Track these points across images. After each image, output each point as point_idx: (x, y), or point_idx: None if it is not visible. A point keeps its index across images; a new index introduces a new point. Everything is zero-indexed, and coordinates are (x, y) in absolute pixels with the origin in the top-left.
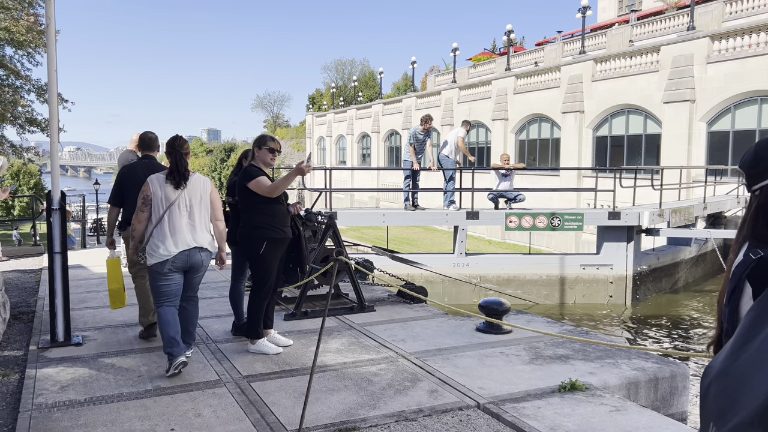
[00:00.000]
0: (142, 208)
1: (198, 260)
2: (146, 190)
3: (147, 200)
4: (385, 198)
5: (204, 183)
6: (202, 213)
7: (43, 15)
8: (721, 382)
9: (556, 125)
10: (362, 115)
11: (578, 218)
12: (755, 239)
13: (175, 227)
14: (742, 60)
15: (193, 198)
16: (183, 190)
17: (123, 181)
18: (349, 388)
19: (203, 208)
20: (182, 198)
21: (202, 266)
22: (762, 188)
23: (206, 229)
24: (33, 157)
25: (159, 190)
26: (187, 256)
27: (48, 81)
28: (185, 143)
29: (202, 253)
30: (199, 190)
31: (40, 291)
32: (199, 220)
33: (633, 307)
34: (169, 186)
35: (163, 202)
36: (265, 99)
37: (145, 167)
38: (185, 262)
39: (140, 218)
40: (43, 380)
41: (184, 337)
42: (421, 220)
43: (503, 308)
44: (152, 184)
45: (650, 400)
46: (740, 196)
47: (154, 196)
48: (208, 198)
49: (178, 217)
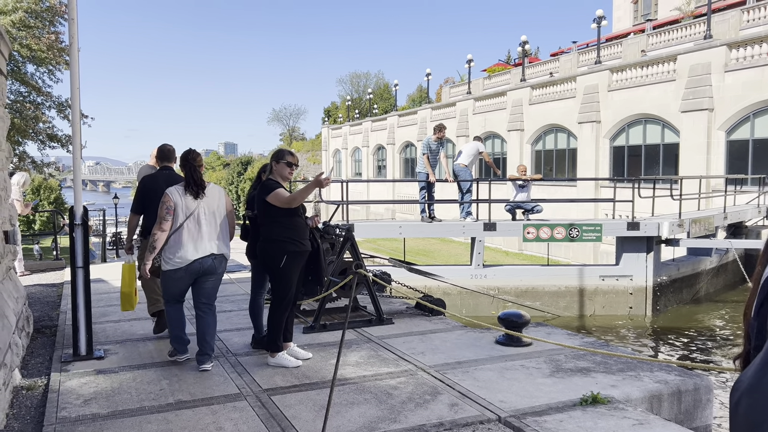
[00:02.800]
0: (165, 217)
1: (210, 266)
2: (168, 200)
3: (171, 210)
4: (401, 210)
5: (220, 192)
6: (220, 221)
7: (63, 33)
8: (752, 397)
9: (573, 135)
10: (377, 127)
11: (597, 229)
12: None
13: (192, 235)
14: (760, 68)
15: (211, 207)
16: (201, 200)
17: (145, 190)
18: (369, 402)
19: (219, 216)
20: (201, 207)
21: (215, 272)
22: None
23: (222, 236)
24: (54, 172)
25: (180, 200)
26: (200, 263)
27: (71, 98)
28: (198, 156)
29: (214, 260)
30: (216, 199)
31: (62, 305)
32: (216, 227)
33: (653, 319)
34: (188, 197)
35: (184, 212)
36: (281, 112)
37: (165, 178)
38: (198, 269)
39: (164, 227)
40: (67, 394)
41: (202, 346)
42: (438, 231)
43: (523, 320)
44: (173, 195)
45: (673, 414)
46: (761, 206)
47: (176, 205)
48: (224, 207)
49: (196, 225)
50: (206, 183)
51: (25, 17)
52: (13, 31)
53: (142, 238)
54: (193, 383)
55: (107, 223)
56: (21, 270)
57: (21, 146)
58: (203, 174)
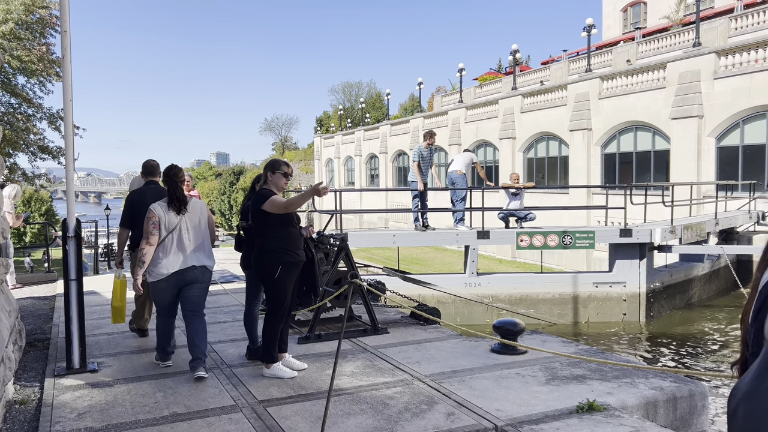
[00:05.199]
0: (152, 232)
1: (192, 276)
2: (152, 216)
3: (156, 225)
4: (394, 218)
5: (201, 206)
6: (202, 234)
7: (53, 44)
8: (750, 403)
9: (564, 143)
10: (370, 136)
11: (590, 236)
12: None
13: (174, 249)
14: (749, 75)
15: (193, 221)
16: (184, 215)
17: (133, 205)
18: (365, 412)
19: (201, 229)
20: (183, 222)
21: (197, 281)
22: None
23: (204, 248)
24: (45, 184)
25: (164, 215)
26: (182, 275)
27: (64, 110)
28: (180, 171)
29: (196, 271)
30: (198, 213)
31: (55, 318)
32: (198, 241)
33: (647, 325)
34: (171, 212)
35: (167, 227)
36: (273, 122)
37: (153, 192)
38: (180, 280)
39: (151, 241)
40: (60, 407)
41: (193, 352)
42: (431, 240)
43: (518, 329)
44: (156, 210)
45: (669, 420)
46: (752, 211)
47: (160, 220)
48: (205, 220)
49: (178, 239)
50: (188, 198)
51: (15, 29)
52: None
53: (131, 251)
54: (188, 395)
55: (99, 234)
56: (12, 283)
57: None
58: (194, 186)
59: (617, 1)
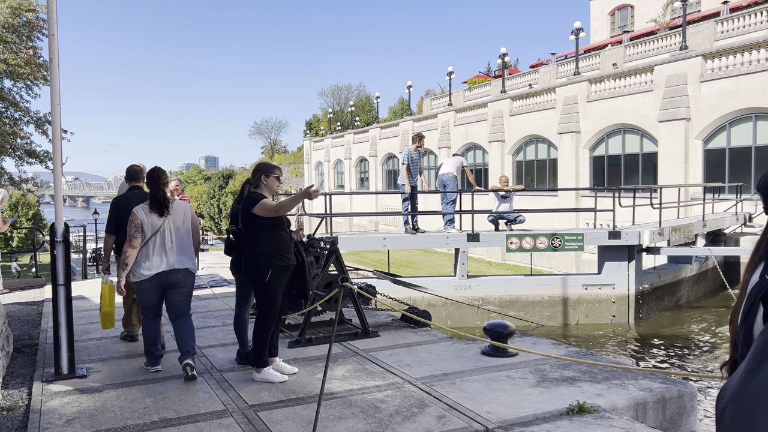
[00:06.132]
0: (135, 235)
1: (176, 279)
2: (135, 219)
3: (139, 228)
4: (384, 221)
5: (185, 208)
6: (185, 236)
7: (41, 48)
8: (737, 404)
9: (553, 146)
10: (359, 139)
11: (579, 238)
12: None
13: (158, 251)
14: (735, 78)
15: (176, 223)
16: (167, 217)
17: (118, 210)
18: (356, 416)
19: (185, 231)
20: (166, 224)
21: (181, 285)
22: None
23: (188, 251)
24: (32, 188)
25: (146, 218)
26: (165, 276)
27: (52, 114)
28: (163, 174)
29: (179, 274)
30: (181, 215)
31: (43, 323)
32: (182, 242)
33: (636, 326)
34: (154, 214)
35: (151, 229)
36: (262, 125)
37: (137, 197)
38: (163, 281)
39: (134, 244)
40: (49, 414)
41: (182, 348)
42: (422, 243)
43: (508, 331)
44: (139, 213)
45: (659, 421)
46: (739, 213)
47: (142, 223)
48: (189, 222)
49: (161, 241)
50: (171, 200)
51: (2, 32)
52: None
53: (117, 255)
54: (177, 400)
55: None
56: (0, 288)
57: None
58: (183, 190)
59: (605, 5)
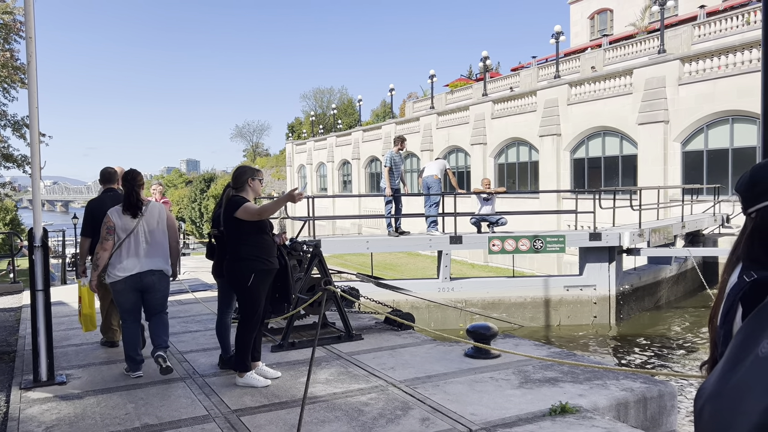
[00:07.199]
0: (106, 237)
1: (150, 281)
2: (108, 221)
3: (111, 230)
4: (367, 224)
5: (160, 210)
6: (160, 238)
7: (17, 50)
8: (715, 404)
9: (534, 149)
10: (342, 142)
11: (560, 240)
12: (749, 261)
13: (131, 252)
14: (712, 81)
15: (150, 225)
16: (141, 218)
17: (93, 213)
18: (340, 419)
19: (160, 232)
20: (140, 226)
21: (155, 287)
22: (757, 211)
23: (163, 252)
24: (9, 192)
25: (119, 220)
26: (140, 278)
27: (29, 118)
28: (138, 175)
29: (153, 276)
30: (155, 217)
31: (21, 329)
32: (156, 244)
33: (617, 327)
34: (127, 216)
35: (124, 230)
36: (244, 128)
37: (111, 199)
38: (137, 283)
39: (105, 246)
40: (27, 421)
41: (154, 340)
42: (405, 245)
43: (491, 333)
44: (113, 216)
45: (640, 420)
46: (717, 214)
47: (116, 226)
48: (164, 223)
49: (135, 243)
50: (145, 201)
51: None
52: None
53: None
54: (159, 406)
55: (66, 243)
56: None
57: None
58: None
59: (585, 9)
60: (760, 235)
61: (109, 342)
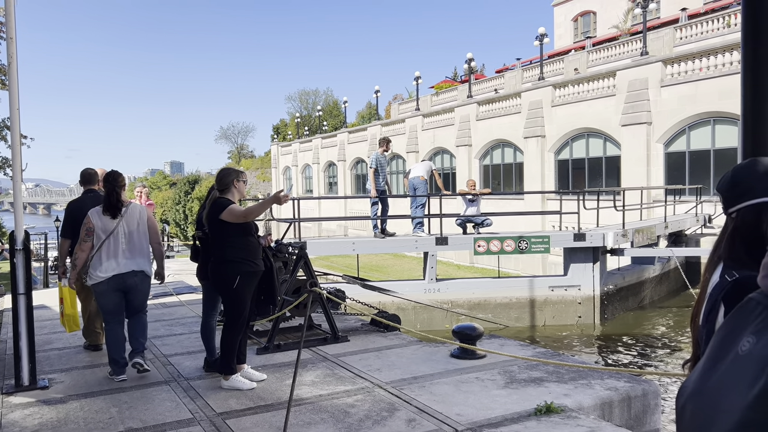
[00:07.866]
0: (85, 238)
1: (132, 282)
2: (88, 222)
3: (90, 231)
4: (353, 225)
5: (140, 211)
6: (140, 239)
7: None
8: (696, 402)
9: (519, 150)
10: (327, 144)
11: (545, 241)
12: (730, 260)
13: (111, 253)
14: (694, 83)
15: (130, 226)
16: (121, 219)
17: (73, 214)
18: (326, 421)
19: (141, 233)
20: (120, 227)
21: (137, 288)
22: (738, 211)
23: (143, 253)
24: None
25: (99, 221)
26: (122, 279)
27: (11, 120)
28: (119, 176)
29: (136, 277)
30: (136, 218)
31: (2, 333)
32: (136, 245)
33: (602, 326)
34: (106, 217)
35: (104, 231)
36: (228, 130)
37: (92, 200)
38: (119, 284)
39: (84, 248)
40: (9, 427)
41: (131, 342)
42: (391, 247)
43: (477, 333)
44: (92, 217)
45: (624, 419)
46: (699, 215)
47: (95, 227)
48: (145, 224)
49: (115, 244)
50: (126, 202)
51: None
52: None
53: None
54: (143, 410)
55: (49, 246)
56: None
57: None
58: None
59: (568, 11)
60: (741, 235)
61: (92, 345)
